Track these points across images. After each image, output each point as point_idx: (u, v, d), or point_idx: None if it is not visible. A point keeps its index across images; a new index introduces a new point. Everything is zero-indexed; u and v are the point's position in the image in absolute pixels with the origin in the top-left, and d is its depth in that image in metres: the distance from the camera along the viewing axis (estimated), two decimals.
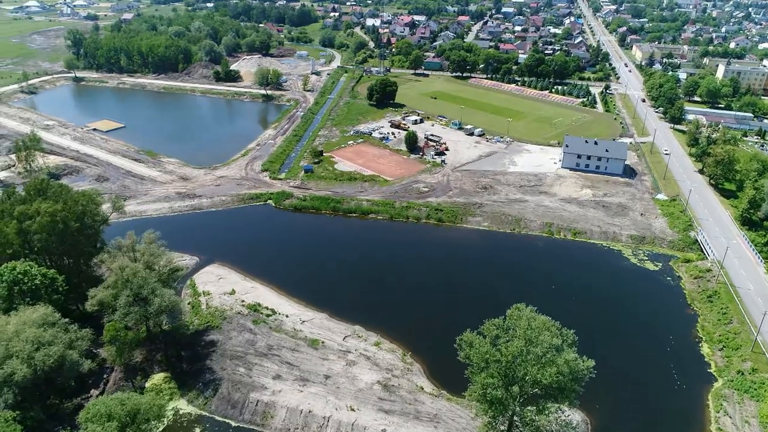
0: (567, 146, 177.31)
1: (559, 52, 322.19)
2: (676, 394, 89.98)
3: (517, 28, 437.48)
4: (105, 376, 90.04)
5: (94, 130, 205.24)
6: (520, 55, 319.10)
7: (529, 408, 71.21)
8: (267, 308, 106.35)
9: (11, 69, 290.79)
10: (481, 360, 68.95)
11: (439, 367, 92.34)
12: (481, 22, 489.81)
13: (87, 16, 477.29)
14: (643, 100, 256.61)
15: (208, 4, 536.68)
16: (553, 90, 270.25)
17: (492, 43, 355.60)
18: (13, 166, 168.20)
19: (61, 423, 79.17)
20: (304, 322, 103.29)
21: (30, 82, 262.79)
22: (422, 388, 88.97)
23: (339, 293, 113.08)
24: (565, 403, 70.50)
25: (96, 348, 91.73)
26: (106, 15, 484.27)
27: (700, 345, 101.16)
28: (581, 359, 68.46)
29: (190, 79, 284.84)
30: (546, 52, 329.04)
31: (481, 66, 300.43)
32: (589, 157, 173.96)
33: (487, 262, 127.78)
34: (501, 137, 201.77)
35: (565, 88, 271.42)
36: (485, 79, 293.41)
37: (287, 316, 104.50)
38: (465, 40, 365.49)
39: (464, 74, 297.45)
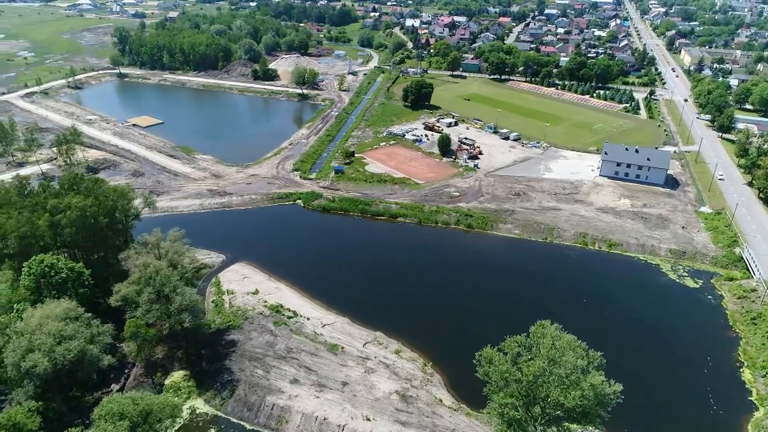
0: (606, 153, 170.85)
1: (602, 56, 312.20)
2: (712, 421, 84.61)
3: (560, 30, 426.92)
4: (126, 371, 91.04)
5: (134, 125, 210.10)
6: (562, 58, 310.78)
7: (550, 430, 67.85)
8: (289, 310, 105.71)
9: (60, 64, 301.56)
10: (500, 378, 65.96)
11: (460, 379, 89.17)
12: (523, 23, 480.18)
13: (135, 14, 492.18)
14: (685, 100, 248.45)
15: (251, 3, 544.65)
16: (594, 95, 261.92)
17: (533, 46, 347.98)
18: (55, 159, 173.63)
19: (81, 416, 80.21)
20: (325, 325, 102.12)
21: (77, 77, 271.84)
22: (441, 401, 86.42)
23: (362, 297, 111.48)
24: (590, 428, 66.85)
25: (119, 343, 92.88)
26: (153, 13, 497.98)
27: (741, 370, 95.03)
28: (608, 383, 64.64)
29: (229, 77, 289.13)
30: (589, 55, 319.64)
31: (520, 69, 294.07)
32: (629, 166, 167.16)
33: (516, 271, 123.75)
34: (537, 142, 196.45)
35: (607, 92, 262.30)
36: (524, 82, 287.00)
37: (308, 319, 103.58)
38: (505, 41, 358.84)
39: (502, 77, 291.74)
